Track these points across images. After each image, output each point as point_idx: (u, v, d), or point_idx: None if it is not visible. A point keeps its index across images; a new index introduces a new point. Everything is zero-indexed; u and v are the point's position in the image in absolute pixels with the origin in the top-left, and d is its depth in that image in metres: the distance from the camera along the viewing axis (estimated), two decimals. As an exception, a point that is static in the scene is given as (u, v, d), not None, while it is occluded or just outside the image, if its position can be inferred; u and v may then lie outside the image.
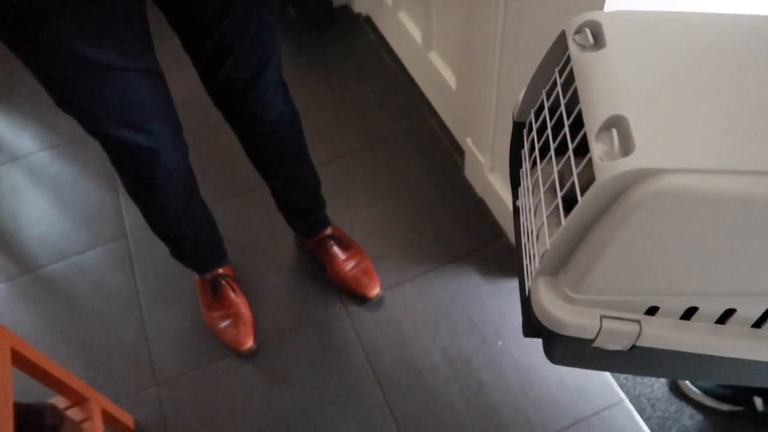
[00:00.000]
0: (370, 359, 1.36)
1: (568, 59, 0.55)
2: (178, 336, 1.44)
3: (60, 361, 1.40)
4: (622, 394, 1.25)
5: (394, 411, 1.28)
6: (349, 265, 1.45)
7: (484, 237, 1.54)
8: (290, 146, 1.24)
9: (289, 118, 1.19)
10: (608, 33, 0.53)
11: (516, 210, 0.70)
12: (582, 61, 0.53)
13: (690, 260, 0.46)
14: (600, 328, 0.49)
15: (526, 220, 0.61)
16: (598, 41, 0.54)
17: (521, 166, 0.66)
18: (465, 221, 1.58)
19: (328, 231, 1.48)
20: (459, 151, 1.71)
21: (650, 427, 1.20)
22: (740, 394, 1.16)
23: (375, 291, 1.43)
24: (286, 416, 1.29)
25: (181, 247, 1.32)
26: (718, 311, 0.49)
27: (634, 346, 0.51)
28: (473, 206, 1.61)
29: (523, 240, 0.62)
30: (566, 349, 0.53)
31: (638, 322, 0.49)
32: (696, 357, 0.51)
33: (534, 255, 0.56)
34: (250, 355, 1.38)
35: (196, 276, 1.46)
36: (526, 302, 0.55)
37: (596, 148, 0.45)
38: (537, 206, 0.58)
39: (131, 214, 1.68)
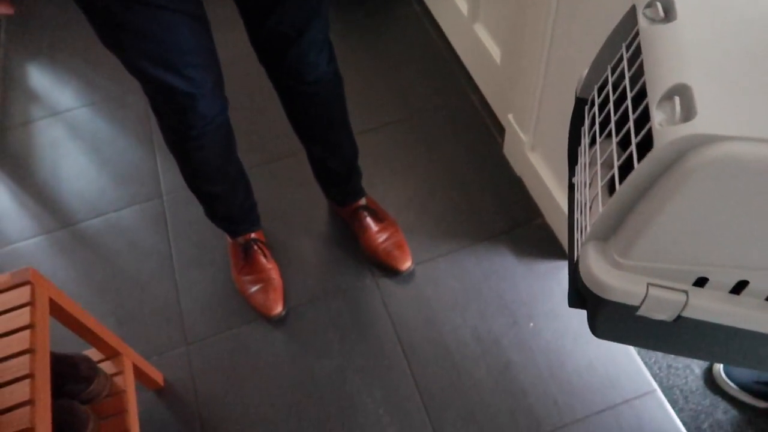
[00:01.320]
0: (398, 332, 1.35)
1: (636, 35, 0.53)
2: (209, 298, 1.45)
3: (94, 316, 1.43)
4: (655, 384, 1.22)
5: (419, 385, 1.27)
6: (382, 237, 1.43)
7: (520, 216, 1.51)
8: (331, 110, 1.23)
9: (332, 81, 1.17)
10: (680, 6, 0.52)
11: (571, 187, 0.68)
12: (651, 33, 0.51)
13: (743, 232, 0.44)
14: (646, 294, 0.48)
15: (581, 195, 0.59)
16: (669, 15, 0.52)
17: (580, 144, 0.64)
18: (501, 199, 1.55)
19: (363, 201, 1.46)
20: (499, 128, 1.67)
21: (682, 420, 1.18)
22: (780, 393, 1.12)
23: (406, 264, 1.41)
24: (312, 383, 1.30)
25: (215, 207, 1.32)
26: None
27: (679, 317, 0.49)
28: (510, 185, 1.57)
29: (576, 215, 0.61)
30: (610, 318, 0.52)
31: (686, 292, 0.48)
32: (743, 334, 0.49)
33: (586, 226, 0.55)
34: (279, 321, 1.39)
35: (229, 239, 1.46)
36: (573, 269, 0.55)
37: (657, 116, 0.44)
38: (593, 179, 0.56)
39: (167, 174, 1.68)
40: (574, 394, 1.23)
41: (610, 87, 0.57)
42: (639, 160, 0.45)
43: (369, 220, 1.45)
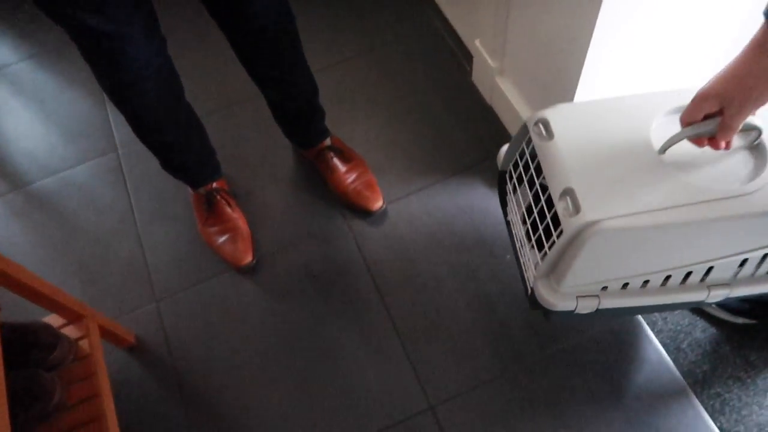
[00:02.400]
0: (372, 273, 1.32)
1: (530, 140, 0.90)
2: (175, 251, 1.40)
3: (56, 280, 1.37)
4: (633, 307, 1.22)
5: (397, 324, 1.25)
6: (351, 178, 1.38)
7: (492, 145, 1.46)
8: (283, 49, 1.14)
9: (281, 18, 1.08)
10: (554, 126, 0.85)
11: (507, 222, 1.04)
12: (542, 148, 0.86)
13: (620, 260, 0.82)
14: (577, 304, 0.85)
15: (517, 232, 0.98)
16: (549, 133, 0.85)
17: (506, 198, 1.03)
18: (472, 129, 1.49)
19: (328, 142, 1.40)
20: (466, 55, 1.60)
21: (661, 341, 1.17)
22: (758, 309, 1.12)
23: (377, 204, 1.37)
24: (288, 330, 1.27)
25: (169, 157, 1.25)
26: (639, 284, 0.85)
27: (597, 310, 0.87)
28: (480, 113, 1.51)
29: (517, 245, 0.98)
30: (558, 316, 0.89)
31: (597, 296, 0.86)
32: (632, 308, 0.90)
33: (528, 260, 0.92)
34: (250, 270, 1.35)
35: (190, 191, 1.40)
36: (531, 294, 0.90)
37: (559, 207, 0.80)
38: (524, 227, 0.95)
39: (121, 127, 1.59)
40: (553, 322, 1.22)
41: (521, 168, 0.94)
42: (543, 215, 0.86)
43: (336, 161, 1.39)
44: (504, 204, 1.05)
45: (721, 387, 1.13)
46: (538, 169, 0.87)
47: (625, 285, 0.85)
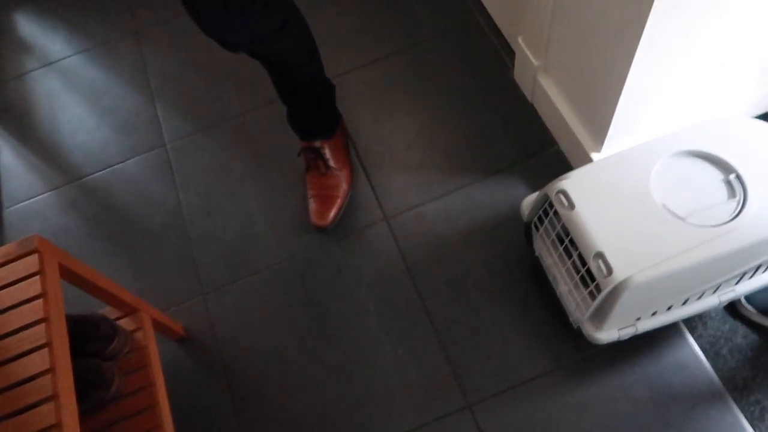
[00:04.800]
0: (411, 272, 1.34)
1: (551, 204, 1.08)
2: (221, 246, 1.45)
3: (108, 271, 1.44)
4: (673, 311, 1.22)
5: (435, 323, 1.28)
6: (317, 186, 1.42)
7: (533, 145, 1.46)
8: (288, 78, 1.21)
9: (283, 49, 1.13)
10: (573, 195, 1.02)
11: (536, 257, 1.22)
12: (567, 218, 1.03)
13: (649, 301, 1.03)
14: (619, 335, 1.08)
15: (557, 273, 1.14)
16: (571, 204, 1.02)
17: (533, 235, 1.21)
18: (513, 128, 1.49)
19: (317, 144, 1.40)
20: (508, 52, 1.59)
21: (701, 346, 1.17)
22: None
23: (320, 222, 1.39)
24: (329, 324, 1.31)
25: None
26: (665, 309, 1.08)
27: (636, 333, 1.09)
28: (522, 112, 1.51)
29: (558, 287, 1.16)
30: (606, 345, 1.15)
31: (635, 325, 1.08)
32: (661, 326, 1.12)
33: (573, 298, 1.10)
34: (291, 266, 1.39)
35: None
36: (578, 330, 1.14)
37: (593, 268, 0.98)
38: (561, 273, 1.13)
39: (168, 122, 1.64)
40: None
41: (555, 230, 1.10)
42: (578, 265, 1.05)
43: (316, 163, 1.42)
44: (530, 242, 1.23)
45: (761, 394, 1.12)
46: (565, 228, 1.06)
47: (654, 313, 1.07)
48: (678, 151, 1.04)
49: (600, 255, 0.96)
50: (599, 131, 1.24)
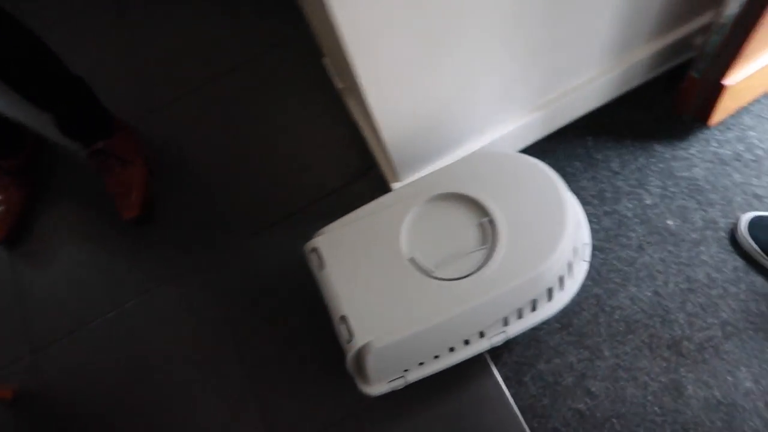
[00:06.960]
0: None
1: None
2: (52, 299, 1.42)
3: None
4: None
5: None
6: (117, 181, 1.43)
7: (356, 168, 1.41)
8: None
9: None
10: (325, 254, 0.99)
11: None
12: (319, 278, 1.01)
13: (406, 357, 0.99)
14: (390, 387, 1.02)
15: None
16: (321, 262, 0.99)
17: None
18: (338, 151, 1.44)
19: (100, 145, 1.42)
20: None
21: (503, 375, 1.13)
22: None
23: (128, 214, 1.41)
24: (144, 370, 1.30)
25: None
26: (432, 358, 1.01)
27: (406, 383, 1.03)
28: (348, 134, 1.45)
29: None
30: (384, 395, 1.04)
31: (403, 377, 1.02)
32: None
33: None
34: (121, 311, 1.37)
35: None
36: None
37: (340, 332, 0.95)
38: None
39: None
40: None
41: None
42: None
43: (108, 164, 1.42)
44: None
45: (559, 422, 1.11)
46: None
47: (421, 363, 1.01)
48: (436, 194, 0.99)
49: (344, 319, 0.94)
50: (390, 161, 1.19)
